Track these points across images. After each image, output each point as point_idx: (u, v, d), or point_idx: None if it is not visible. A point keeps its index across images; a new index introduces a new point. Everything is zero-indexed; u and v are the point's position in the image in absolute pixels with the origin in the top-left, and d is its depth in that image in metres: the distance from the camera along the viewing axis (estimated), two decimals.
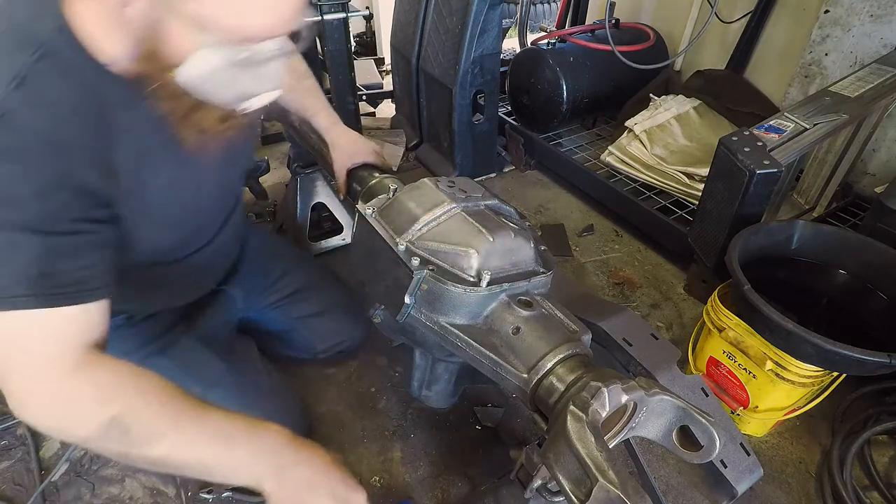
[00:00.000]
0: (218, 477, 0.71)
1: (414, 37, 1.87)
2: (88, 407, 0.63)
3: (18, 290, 0.59)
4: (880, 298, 1.07)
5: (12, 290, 0.59)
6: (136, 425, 0.63)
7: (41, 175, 0.59)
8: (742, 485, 0.82)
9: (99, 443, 0.64)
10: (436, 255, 0.73)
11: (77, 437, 0.64)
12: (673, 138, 1.85)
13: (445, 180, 0.84)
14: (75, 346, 0.64)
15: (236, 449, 0.70)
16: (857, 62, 1.55)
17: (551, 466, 0.54)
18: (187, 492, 1.01)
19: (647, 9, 2.30)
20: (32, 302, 0.59)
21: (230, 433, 0.70)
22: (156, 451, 0.65)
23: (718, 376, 1.11)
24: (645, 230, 1.69)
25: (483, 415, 1.15)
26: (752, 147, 1.15)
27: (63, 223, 0.61)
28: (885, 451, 1.09)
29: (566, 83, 1.87)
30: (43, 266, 0.60)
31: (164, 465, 0.67)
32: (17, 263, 0.59)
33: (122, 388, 0.65)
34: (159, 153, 0.72)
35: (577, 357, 0.65)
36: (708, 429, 0.56)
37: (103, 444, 0.64)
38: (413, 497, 1.01)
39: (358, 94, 1.61)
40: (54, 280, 0.61)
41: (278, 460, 0.72)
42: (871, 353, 0.83)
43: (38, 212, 0.59)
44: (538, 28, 2.50)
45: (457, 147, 1.86)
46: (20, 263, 0.59)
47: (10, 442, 1.09)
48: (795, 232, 1.14)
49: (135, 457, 0.65)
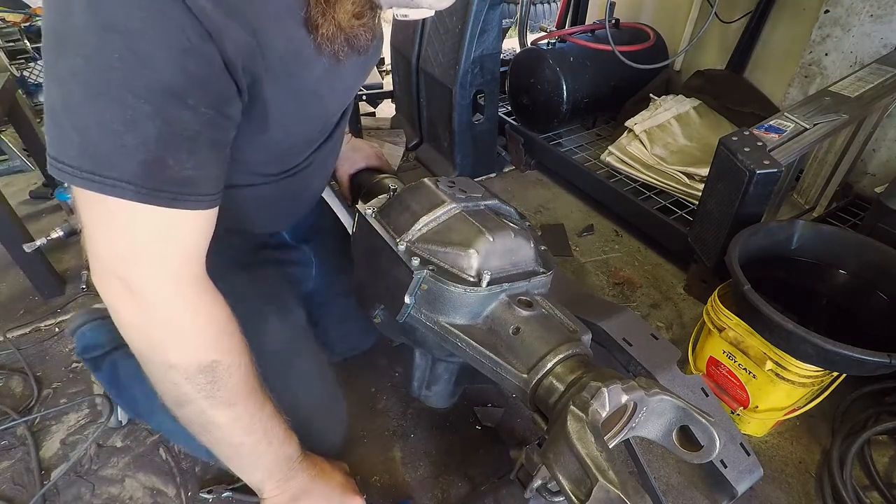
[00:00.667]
0: (237, 466, 0.71)
1: (414, 36, 1.87)
2: (197, 338, 0.60)
3: (128, 175, 0.50)
4: (880, 298, 1.07)
5: (122, 173, 0.50)
6: (223, 381, 0.61)
7: (181, 37, 0.48)
8: (742, 485, 0.82)
9: (179, 377, 0.59)
10: (436, 255, 0.73)
11: (163, 362, 0.59)
12: (673, 138, 1.85)
13: (445, 180, 0.84)
14: (197, 258, 0.59)
15: (271, 448, 0.71)
16: (857, 62, 1.55)
17: (551, 466, 0.54)
18: (187, 492, 1.01)
19: (647, 9, 2.30)
20: (133, 194, 0.51)
21: (273, 430, 0.71)
22: (220, 417, 0.63)
23: (718, 376, 1.11)
24: (645, 230, 1.69)
25: (483, 415, 1.15)
26: (752, 147, 1.15)
27: (196, 106, 0.52)
28: (885, 451, 1.09)
29: (566, 83, 1.87)
30: (158, 153, 0.51)
31: (211, 435, 0.65)
32: (134, 140, 0.49)
33: (227, 338, 0.62)
34: (306, 48, 0.61)
35: (577, 357, 0.65)
36: (708, 429, 0.56)
37: (183, 382, 0.60)
38: (413, 497, 1.01)
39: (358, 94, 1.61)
40: (166, 174, 0.52)
41: (288, 472, 0.74)
42: (871, 353, 0.83)
43: (172, 80, 0.49)
44: (538, 28, 2.49)
45: (457, 147, 1.86)
46: (136, 143, 0.50)
47: (10, 442, 1.09)
48: (795, 232, 1.14)
49: (194, 412, 0.62)
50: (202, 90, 0.52)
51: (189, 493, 1.01)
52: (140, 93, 0.48)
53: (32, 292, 1.45)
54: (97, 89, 0.48)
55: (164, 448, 1.08)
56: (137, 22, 0.46)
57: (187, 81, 0.50)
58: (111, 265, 0.55)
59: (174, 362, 0.59)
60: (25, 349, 1.29)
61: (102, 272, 0.56)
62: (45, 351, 1.30)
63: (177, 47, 0.48)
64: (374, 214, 0.82)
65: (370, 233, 0.81)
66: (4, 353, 1.29)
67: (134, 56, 0.47)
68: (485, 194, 0.84)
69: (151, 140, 0.50)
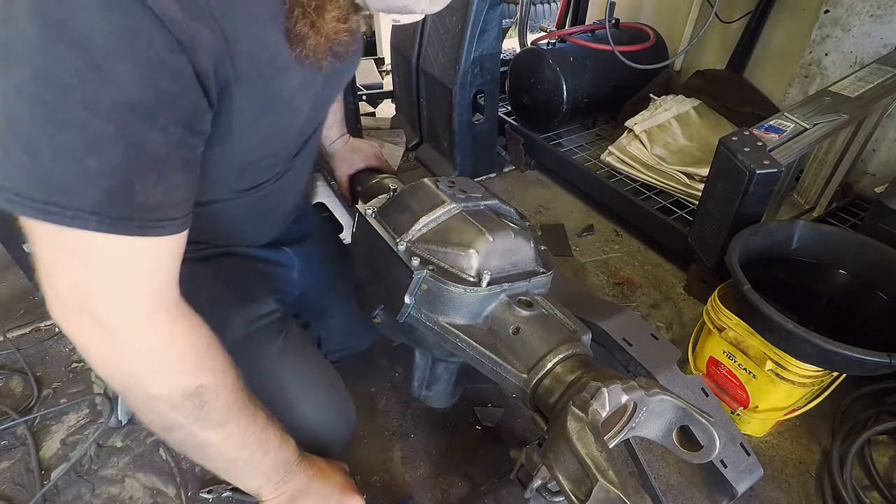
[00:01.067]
0: (232, 476, 0.70)
1: (414, 36, 1.87)
2: (178, 365, 0.56)
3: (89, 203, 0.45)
4: (880, 298, 1.07)
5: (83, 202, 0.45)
6: (211, 403, 0.59)
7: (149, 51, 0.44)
8: (742, 485, 0.82)
9: (164, 406, 0.56)
10: (436, 255, 0.73)
11: (145, 395, 0.55)
12: (673, 138, 1.85)
13: (445, 180, 0.84)
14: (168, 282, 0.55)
15: (266, 458, 0.70)
16: (857, 62, 1.55)
17: (551, 466, 0.54)
18: (187, 492, 1.01)
19: (647, 9, 2.30)
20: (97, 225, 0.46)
21: (268, 440, 0.69)
22: (212, 437, 0.61)
23: (718, 376, 1.11)
24: (645, 230, 1.69)
25: (483, 415, 1.15)
26: (752, 147, 1.15)
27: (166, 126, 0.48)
28: (885, 451, 1.09)
29: (566, 83, 1.87)
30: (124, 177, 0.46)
31: (203, 452, 0.63)
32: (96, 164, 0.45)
33: (210, 360, 0.59)
34: (283, 55, 0.58)
35: (576, 357, 0.65)
36: (708, 429, 0.56)
37: (168, 411, 0.57)
38: (413, 497, 1.01)
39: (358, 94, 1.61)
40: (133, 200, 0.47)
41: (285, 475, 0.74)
42: (871, 353, 0.83)
43: (140, 98, 0.45)
44: (538, 28, 2.49)
45: (457, 147, 1.86)
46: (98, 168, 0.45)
47: (10, 442, 1.09)
48: (795, 232, 1.14)
49: (183, 435, 0.60)
50: (172, 108, 0.48)
51: (189, 493, 1.01)
52: (102, 112, 0.44)
53: (32, 292, 1.45)
54: (52, 108, 0.43)
55: (164, 448, 1.08)
56: (99, 34, 0.41)
57: (156, 99, 0.46)
58: (75, 300, 0.50)
59: (156, 393, 0.55)
60: (25, 349, 1.29)
61: (64, 308, 0.51)
62: (45, 351, 1.30)
63: (145, 62, 0.44)
64: (374, 214, 0.82)
65: (370, 233, 0.81)
66: (4, 353, 1.29)
67: (95, 72, 0.42)
68: (485, 194, 0.84)
69: (116, 164, 0.45)
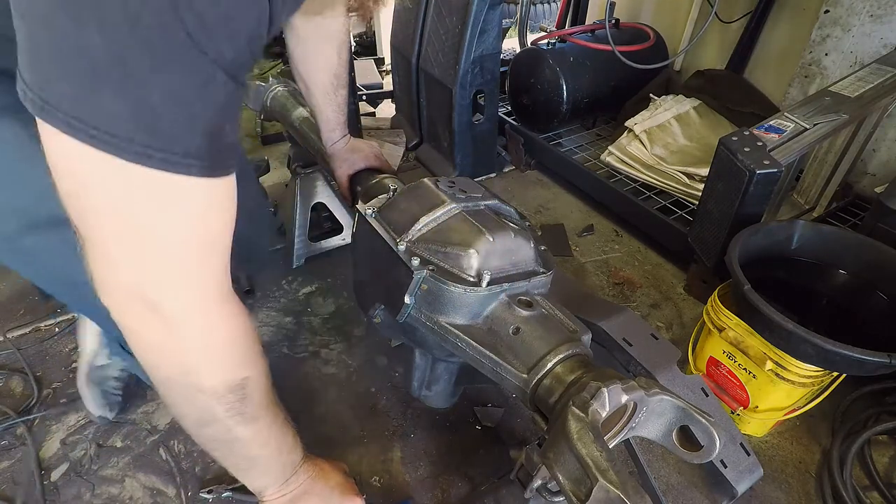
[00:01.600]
0: (245, 475, 0.71)
1: (414, 36, 1.87)
2: (230, 356, 0.56)
3: (193, 148, 0.45)
4: (880, 298, 1.07)
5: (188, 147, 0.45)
6: (251, 396, 0.59)
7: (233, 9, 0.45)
8: (742, 485, 0.82)
9: (210, 399, 0.56)
10: (436, 255, 0.73)
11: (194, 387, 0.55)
12: (673, 138, 1.85)
13: (445, 180, 0.84)
14: (224, 269, 0.53)
15: (280, 457, 0.71)
16: (857, 62, 1.55)
17: (551, 466, 0.54)
18: (187, 492, 1.01)
19: (647, 9, 2.30)
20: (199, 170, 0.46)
21: (285, 440, 0.70)
22: (243, 433, 0.61)
23: (718, 376, 1.11)
24: (645, 230, 1.69)
25: (483, 415, 1.15)
26: (752, 147, 1.15)
27: (240, 74, 0.48)
28: (885, 451, 1.09)
29: (566, 83, 1.87)
30: (220, 119, 0.47)
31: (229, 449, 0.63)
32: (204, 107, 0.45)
33: (253, 351, 0.60)
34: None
35: (576, 357, 0.65)
36: (708, 429, 0.56)
37: (213, 404, 0.56)
38: (413, 497, 1.01)
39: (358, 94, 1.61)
40: (223, 142, 0.48)
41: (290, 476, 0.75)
42: (871, 353, 0.83)
43: (229, 51, 0.46)
44: (538, 28, 2.49)
45: (457, 147, 1.86)
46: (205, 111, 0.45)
47: (10, 442, 1.09)
48: (795, 232, 1.14)
49: (217, 431, 0.59)
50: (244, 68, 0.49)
51: (189, 493, 1.01)
52: (213, 56, 0.44)
53: (32, 292, 1.45)
54: (162, 55, 0.42)
55: (164, 448, 1.08)
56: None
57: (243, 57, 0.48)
58: (134, 284, 0.49)
59: (207, 385, 0.55)
60: (25, 349, 1.29)
61: (120, 293, 0.49)
62: (45, 351, 1.30)
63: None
64: (374, 214, 0.82)
65: (370, 233, 0.81)
66: (4, 353, 1.28)
67: (203, 28, 0.43)
68: (485, 194, 0.84)
69: (220, 105, 0.46)
